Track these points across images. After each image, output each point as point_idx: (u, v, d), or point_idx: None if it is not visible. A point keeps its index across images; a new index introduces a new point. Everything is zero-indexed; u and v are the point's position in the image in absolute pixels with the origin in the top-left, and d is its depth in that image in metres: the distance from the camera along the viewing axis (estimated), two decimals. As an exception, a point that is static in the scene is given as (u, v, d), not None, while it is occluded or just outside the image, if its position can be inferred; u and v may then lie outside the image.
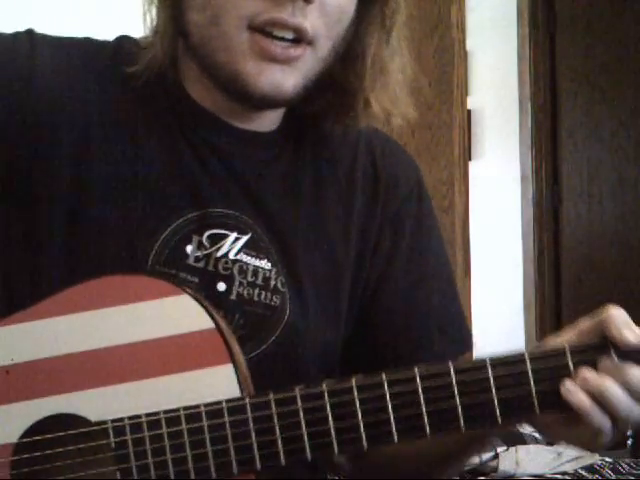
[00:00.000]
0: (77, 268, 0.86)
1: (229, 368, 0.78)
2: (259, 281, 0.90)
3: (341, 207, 0.96)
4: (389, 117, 0.95)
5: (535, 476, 2.17)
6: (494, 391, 0.76)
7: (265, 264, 0.91)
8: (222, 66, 0.85)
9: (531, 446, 2.27)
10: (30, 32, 0.92)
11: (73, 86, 0.90)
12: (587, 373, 0.75)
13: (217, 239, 0.89)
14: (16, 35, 0.92)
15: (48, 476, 0.78)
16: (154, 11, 0.90)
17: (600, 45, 3.43)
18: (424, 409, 0.76)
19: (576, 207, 3.51)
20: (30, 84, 0.88)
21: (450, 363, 0.76)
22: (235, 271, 0.89)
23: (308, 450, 0.76)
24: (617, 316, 0.75)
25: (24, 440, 0.78)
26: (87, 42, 0.96)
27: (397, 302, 0.98)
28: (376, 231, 0.98)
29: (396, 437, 0.76)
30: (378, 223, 0.98)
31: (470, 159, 3.23)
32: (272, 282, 0.91)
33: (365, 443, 0.76)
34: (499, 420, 0.76)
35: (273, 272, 0.91)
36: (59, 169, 0.88)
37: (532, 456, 2.23)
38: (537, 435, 2.29)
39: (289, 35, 0.84)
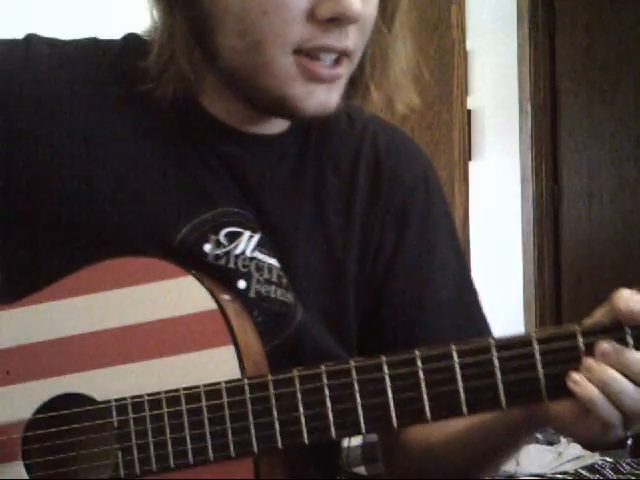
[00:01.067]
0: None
1: (230, 349, 0.79)
2: (274, 278, 0.90)
3: (343, 204, 0.95)
4: (391, 103, 0.94)
5: (535, 476, 2.17)
6: (499, 375, 0.72)
7: (276, 262, 0.91)
8: (267, 90, 0.84)
9: (532, 446, 2.26)
10: (28, 39, 0.92)
11: (72, 92, 0.90)
12: (591, 362, 0.72)
13: (234, 237, 0.89)
14: (13, 42, 0.91)
15: (56, 452, 0.81)
16: (164, 20, 0.86)
17: (600, 45, 3.43)
18: (424, 392, 0.73)
19: (576, 207, 3.51)
20: (22, 97, 0.88)
21: (452, 345, 0.74)
22: (252, 268, 0.89)
23: (305, 433, 0.75)
24: (626, 292, 0.72)
25: (35, 417, 0.81)
26: (91, 43, 0.95)
27: (403, 299, 0.96)
28: (379, 226, 0.96)
29: (395, 421, 0.74)
30: (381, 218, 0.96)
31: (470, 159, 3.23)
32: (284, 280, 0.91)
33: (363, 426, 0.75)
34: (504, 405, 0.72)
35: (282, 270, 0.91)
36: (60, 175, 0.88)
37: (533, 456, 2.22)
38: (538, 435, 2.29)
39: (333, 56, 0.84)
